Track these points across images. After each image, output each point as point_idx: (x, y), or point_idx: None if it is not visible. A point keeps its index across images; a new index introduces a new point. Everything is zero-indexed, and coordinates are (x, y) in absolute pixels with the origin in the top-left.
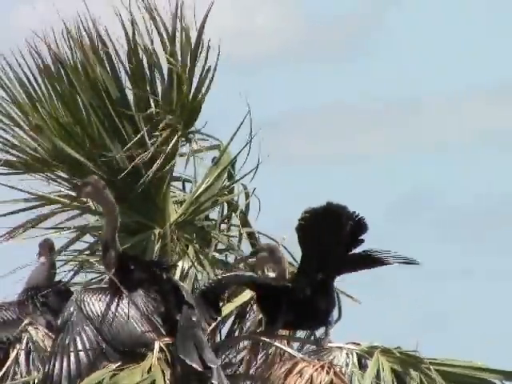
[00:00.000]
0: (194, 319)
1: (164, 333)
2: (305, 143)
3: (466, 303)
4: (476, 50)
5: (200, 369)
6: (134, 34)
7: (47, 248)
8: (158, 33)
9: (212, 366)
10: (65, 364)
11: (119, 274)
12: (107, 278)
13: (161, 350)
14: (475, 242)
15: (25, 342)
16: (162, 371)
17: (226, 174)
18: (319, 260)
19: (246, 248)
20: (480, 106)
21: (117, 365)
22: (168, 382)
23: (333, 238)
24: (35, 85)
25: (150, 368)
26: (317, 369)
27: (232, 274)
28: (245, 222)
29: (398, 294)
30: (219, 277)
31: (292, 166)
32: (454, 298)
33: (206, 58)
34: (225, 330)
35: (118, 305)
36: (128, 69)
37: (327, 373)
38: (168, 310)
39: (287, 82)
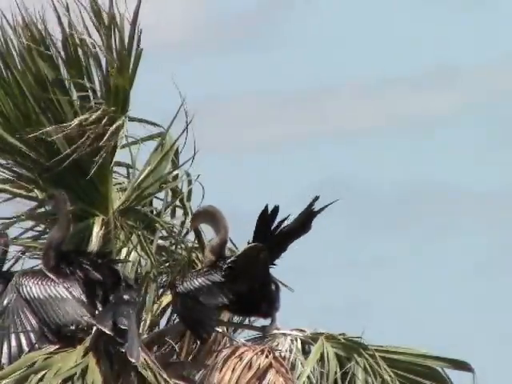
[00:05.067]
0: (125, 297)
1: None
2: (216, 132)
3: (381, 291)
4: (395, 39)
5: (109, 332)
6: (69, 23)
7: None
8: (92, 21)
9: (123, 327)
10: (5, 347)
11: (58, 263)
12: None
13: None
14: (388, 229)
15: None
16: (98, 356)
17: (169, 161)
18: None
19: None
20: (396, 94)
21: (54, 348)
22: (103, 367)
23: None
24: None
25: (87, 353)
26: (257, 353)
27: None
28: (188, 209)
29: (319, 283)
30: (193, 284)
31: (208, 154)
32: (369, 286)
33: (139, 46)
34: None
35: (55, 288)
36: (64, 56)
37: (266, 356)
38: (105, 293)
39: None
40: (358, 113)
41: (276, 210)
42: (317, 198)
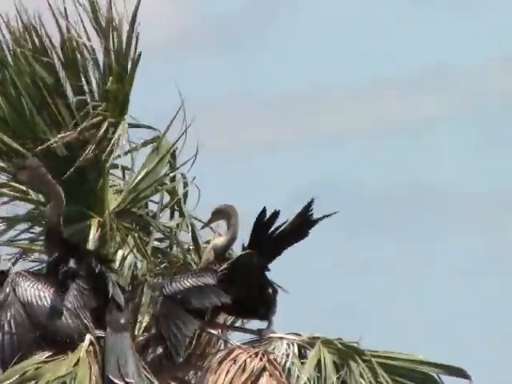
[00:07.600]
0: (122, 322)
1: (92, 327)
2: (212, 132)
3: (379, 292)
4: (385, 42)
5: (118, 382)
6: (67, 26)
7: None
8: (91, 23)
9: (129, 381)
10: None
11: (59, 261)
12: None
13: (91, 343)
14: (386, 230)
15: None
16: (89, 365)
17: (166, 163)
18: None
19: (186, 237)
20: (391, 95)
21: (46, 356)
22: (94, 376)
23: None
24: None
25: (78, 361)
26: (251, 355)
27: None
28: (184, 212)
29: (316, 286)
30: (183, 285)
31: (203, 154)
32: (367, 287)
33: (136, 48)
34: None
35: (49, 295)
36: (62, 59)
37: (260, 359)
38: (99, 305)
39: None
40: (349, 115)
41: (276, 214)
42: (313, 201)
